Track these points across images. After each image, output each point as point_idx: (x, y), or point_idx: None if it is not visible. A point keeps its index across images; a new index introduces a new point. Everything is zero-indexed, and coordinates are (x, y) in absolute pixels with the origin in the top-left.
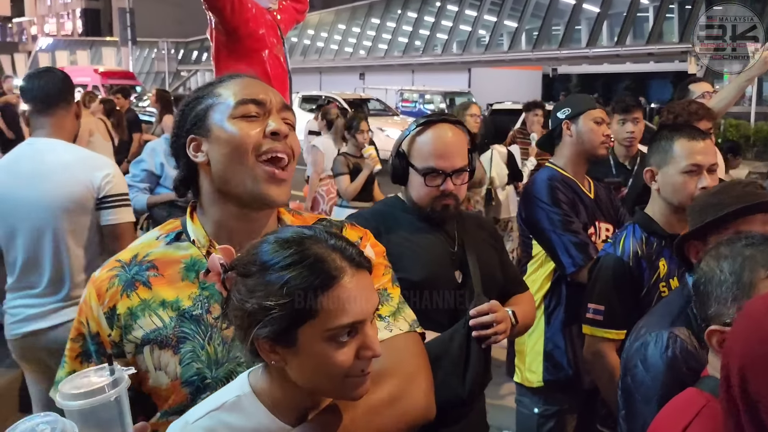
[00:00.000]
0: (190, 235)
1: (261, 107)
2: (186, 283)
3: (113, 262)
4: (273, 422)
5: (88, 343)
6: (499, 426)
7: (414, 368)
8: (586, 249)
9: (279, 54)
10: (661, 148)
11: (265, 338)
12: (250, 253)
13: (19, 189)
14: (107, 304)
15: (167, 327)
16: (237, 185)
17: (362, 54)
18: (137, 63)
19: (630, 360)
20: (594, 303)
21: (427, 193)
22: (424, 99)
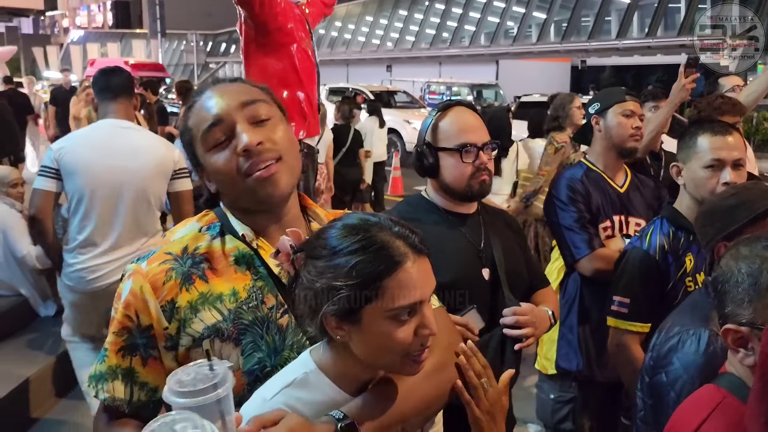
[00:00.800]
0: (236, 229)
1: (222, 126)
2: (239, 275)
3: (163, 255)
4: (338, 394)
5: (134, 336)
6: (524, 419)
7: (451, 339)
8: (589, 243)
9: (307, 48)
10: (686, 143)
11: (332, 315)
12: (320, 238)
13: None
14: (165, 297)
15: (227, 320)
16: (241, 202)
17: (389, 46)
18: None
19: (664, 358)
20: (619, 295)
21: (462, 172)
22: (451, 91)
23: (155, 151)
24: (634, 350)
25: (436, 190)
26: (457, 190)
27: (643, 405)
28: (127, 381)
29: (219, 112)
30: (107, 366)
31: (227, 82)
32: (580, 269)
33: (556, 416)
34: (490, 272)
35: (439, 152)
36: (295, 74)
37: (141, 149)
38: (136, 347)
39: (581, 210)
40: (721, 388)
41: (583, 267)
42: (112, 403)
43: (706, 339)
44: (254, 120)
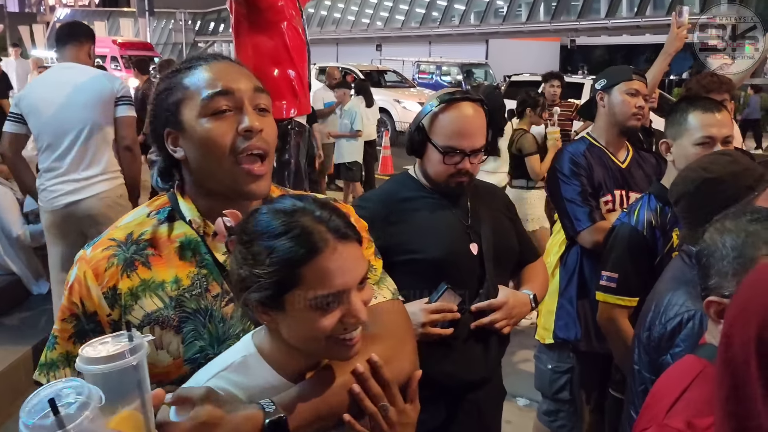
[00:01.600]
0: (184, 215)
1: (231, 98)
2: (183, 262)
3: (106, 241)
4: (277, 380)
5: (82, 323)
6: (514, 393)
7: (401, 331)
8: (590, 215)
9: (298, 26)
10: (676, 120)
11: (256, 301)
12: (247, 221)
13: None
14: (106, 284)
15: (168, 307)
16: (217, 183)
17: (379, 25)
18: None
19: (667, 340)
20: (608, 270)
21: (443, 170)
22: (441, 70)
23: (95, 83)
24: (622, 324)
25: (421, 170)
26: (434, 181)
27: (642, 379)
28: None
29: (231, 85)
30: (58, 353)
31: (230, 60)
32: (581, 241)
33: (553, 386)
34: (479, 247)
35: (428, 142)
36: (285, 52)
37: (82, 84)
38: (85, 333)
39: (583, 183)
40: (701, 358)
41: (584, 239)
42: None
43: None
44: (258, 108)
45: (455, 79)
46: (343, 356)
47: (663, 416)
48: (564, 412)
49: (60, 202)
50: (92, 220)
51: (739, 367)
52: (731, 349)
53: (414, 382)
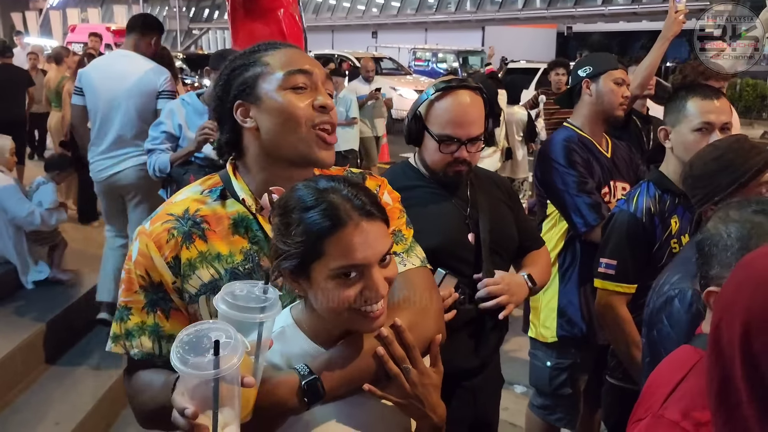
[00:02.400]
0: (237, 194)
1: (308, 78)
2: (237, 238)
3: (165, 215)
4: (312, 347)
5: (151, 293)
6: (511, 380)
7: (426, 298)
8: (599, 209)
9: (294, 12)
10: (675, 107)
11: (287, 270)
12: (285, 196)
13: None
14: (169, 255)
15: (223, 278)
16: (289, 150)
17: (375, 12)
18: None
19: (655, 315)
20: (606, 257)
21: (440, 159)
22: (437, 58)
23: (142, 76)
24: (620, 311)
25: (420, 159)
26: (431, 170)
27: (643, 362)
28: (154, 336)
29: (309, 67)
30: (134, 323)
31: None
32: (593, 237)
33: (554, 382)
34: (476, 237)
35: (425, 131)
36: (282, 39)
37: (130, 74)
38: (155, 302)
39: (582, 173)
40: (697, 349)
41: (596, 235)
42: (143, 357)
43: (689, 298)
44: (329, 92)
45: (451, 66)
46: (365, 328)
47: (659, 407)
48: (562, 406)
49: (102, 175)
50: (129, 188)
51: (727, 364)
52: (720, 344)
53: (435, 346)
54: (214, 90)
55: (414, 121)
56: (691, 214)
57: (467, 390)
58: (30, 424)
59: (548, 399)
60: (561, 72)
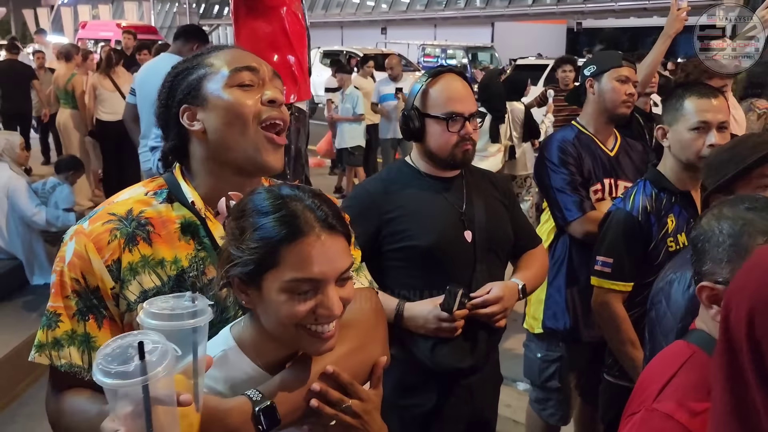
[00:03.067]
0: (186, 197)
1: (255, 74)
2: (182, 243)
3: (106, 215)
4: (257, 371)
5: (84, 299)
6: (514, 377)
7: (373, 320)
8: (580, 206)
9: (297, 11)
10: (672, 105)
11: (236, 277)
12: (243, 200)
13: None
14: (109, 258)
15: (165, 285)
16: (237, 152)
17: (384, 8)
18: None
19: (655, 296)
20: (603, 255)
21: (447, 140)
22: (446, 54)
23: None
24: (616, 308)
25: (420, 155)
26: (441, 157)
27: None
28: (84, 347)
29: (255, 65)
30: (62, 331)
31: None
32: (571, 231)
33: (542, 375)
34: (473, 234)
35: (426, 118)
36: (285, 37)
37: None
38: (88, 310)
39: (573, 172)
40: (691, 344)
41: (574, 229)
42: (69, 369)
43: (687, 282)
44: (279, 90)
45: (460, 63)
46: (314, 350)
47: (652, 401)
48: (553, 401)
49: (145, 167)
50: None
51: (735, 348)
52: (729, 332)
53: (379, 369)
54: (158, 98)
55: (412, 114)
56: (687, 213)
57: (464, 388)
58: (37, 416)
59: (540, 392)
60: (568, 69)
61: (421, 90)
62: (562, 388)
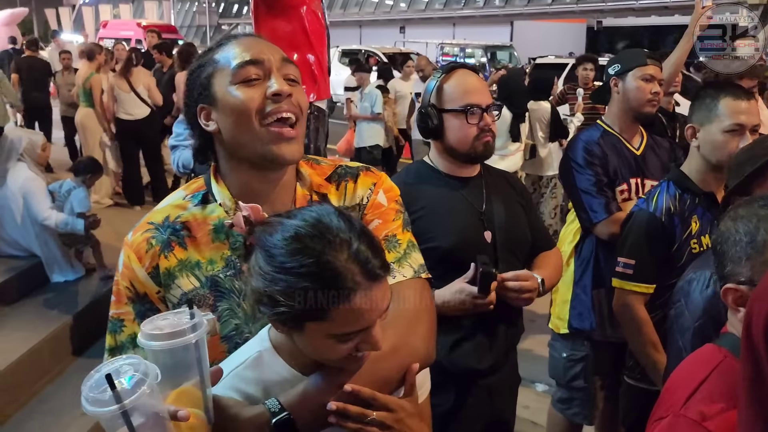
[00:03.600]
0: (216, 197)
1: (260, 67)
2: (217, 244)
3: (145, 225)
4: (291, 374)
5: (138, 305)
6: (533, 378)
7: (414, 316)
8: (607, 207)
9: (317, 9)
10: (705, 105)
11: (273, 317)
12: (272, 235)
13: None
14: (150, 265)
15: (204, 286)
16: (248, 150)
17: (403, 7)
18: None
19: (675, 295)
20: (624, 257)
21: (467, 133)
22: (465, 53)
23: None
24: (638, 310)
25: (439, 153)
26: (461, 152)
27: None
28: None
29: (260, 56)
30: (126, 335)
31: (258, 37)
32: (597, 233)
33: (568, 374)
34: (492, 235)
35: (444, 114)
36: (304, 36)
37: None
38: (143, 314)
39: (598, 173)
40: (722, 348)
41: (600, 231)
42: None
43: (706, 281)
44: (287, 77)
45: (479, 62)
46: (352, 368)
47: (680, 406)
48: (578, 400)
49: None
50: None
51: (757, 354)
52: (750, 339)
53: (411, 377)
54: (183, 97)
55: (430, 111)
56: (711, 215)
57: (482, 389)
58: (56, 413)
59: (565, 392)
60: (589, 67)
61: (436, 86)
62: (588, 387)
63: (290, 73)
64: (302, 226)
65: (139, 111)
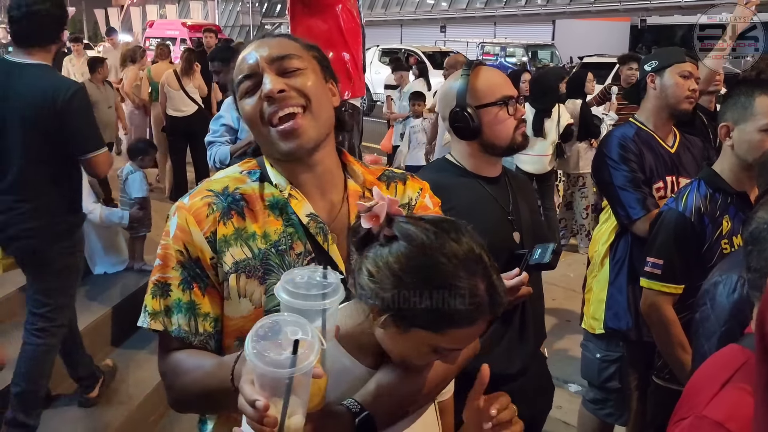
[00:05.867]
0: (271, 179)
1: (253, 79)
2: (272, 219)
3: (204, 191)
4: (353, 364)
5: (188, 269)
6: (565, 379)
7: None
8: (644, 203)
9: (352, 8)
10: (740, 103)
11: (383, 314)
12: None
13: None
14: (209, 229)
15: (256, 258)
16: (266, 150)
17: (443, 6)
18: (223, 16)
19: (700, 298)
20: (653, 257)
21: (508, 126)
22: (506, 52)
23: None
24: (666, 311)
25: (471, 152)
26: (502, 146)
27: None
28: (190, 314)
29: (252, 63)
30: (173, 300)
31: (270, 36)
32: (635, 230)
33: (602, 375)
34: (521, 236)
35: (481, 110)
36: (340, 35)
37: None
38: (192, 279)
39: (634, 169)
40: (745, 349)
41: (639, 228)
42: (178, 335)
43: (733, 284)
44: (282, 71)
45: (520, 61)
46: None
47: (702, 407)
48: (612, 401)
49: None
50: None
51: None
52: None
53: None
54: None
55: (462, 113)
56: (743, 215)
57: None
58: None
59: (598, 393)
60: (634, 67)
61: (465, 86)
62: (622, 388)
63: (287, 65)
64: (457, 246)
65: (187, 108)
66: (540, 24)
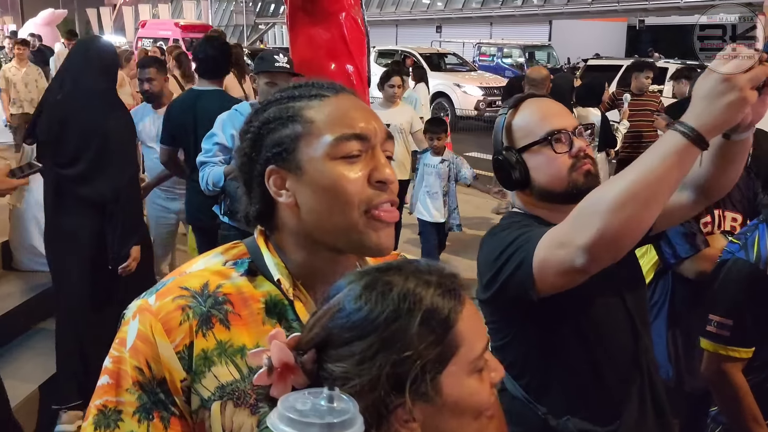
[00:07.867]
0: (271, 272)
1: (365, 143)
2: (267, 327)
3: (177, 289)
4: None
5: (148, 393)
6: None
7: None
8: (693, 240)
9: (357, 16)
10: None
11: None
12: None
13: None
14: (181, 342)
15: (245, 379)
16: (337, 236)
17: (439, 6)
18: (216, 16)
19: None
20: (719, 316)
21: (559, 166)
22: (503, 53)
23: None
24: (737, 379)
25: (532, 202)
26: (558, 191)
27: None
28: None
29: (367, 130)
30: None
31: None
32: (682, 270)
33: None
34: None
35: (524, 153)
36: (343, 45)
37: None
38: (153, 406)
39: None
40: None
41: (688, 269)
42: None
43: None
44: (388, 155)
45: (517, 62)
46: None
47: None
48: None
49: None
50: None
51: None
52: None
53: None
54: (240, 143)
55: (505, 157)
56: None
57: None
58: None
59: None
60: (651, 75)
61: (505, 125)
62: None
63: (389, 150)
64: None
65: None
66: (537, 24)
